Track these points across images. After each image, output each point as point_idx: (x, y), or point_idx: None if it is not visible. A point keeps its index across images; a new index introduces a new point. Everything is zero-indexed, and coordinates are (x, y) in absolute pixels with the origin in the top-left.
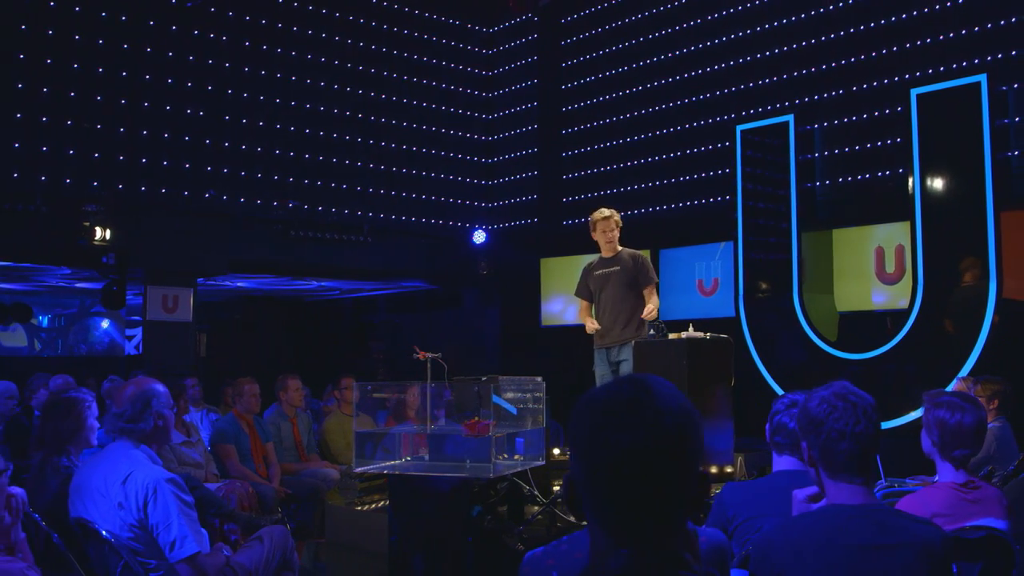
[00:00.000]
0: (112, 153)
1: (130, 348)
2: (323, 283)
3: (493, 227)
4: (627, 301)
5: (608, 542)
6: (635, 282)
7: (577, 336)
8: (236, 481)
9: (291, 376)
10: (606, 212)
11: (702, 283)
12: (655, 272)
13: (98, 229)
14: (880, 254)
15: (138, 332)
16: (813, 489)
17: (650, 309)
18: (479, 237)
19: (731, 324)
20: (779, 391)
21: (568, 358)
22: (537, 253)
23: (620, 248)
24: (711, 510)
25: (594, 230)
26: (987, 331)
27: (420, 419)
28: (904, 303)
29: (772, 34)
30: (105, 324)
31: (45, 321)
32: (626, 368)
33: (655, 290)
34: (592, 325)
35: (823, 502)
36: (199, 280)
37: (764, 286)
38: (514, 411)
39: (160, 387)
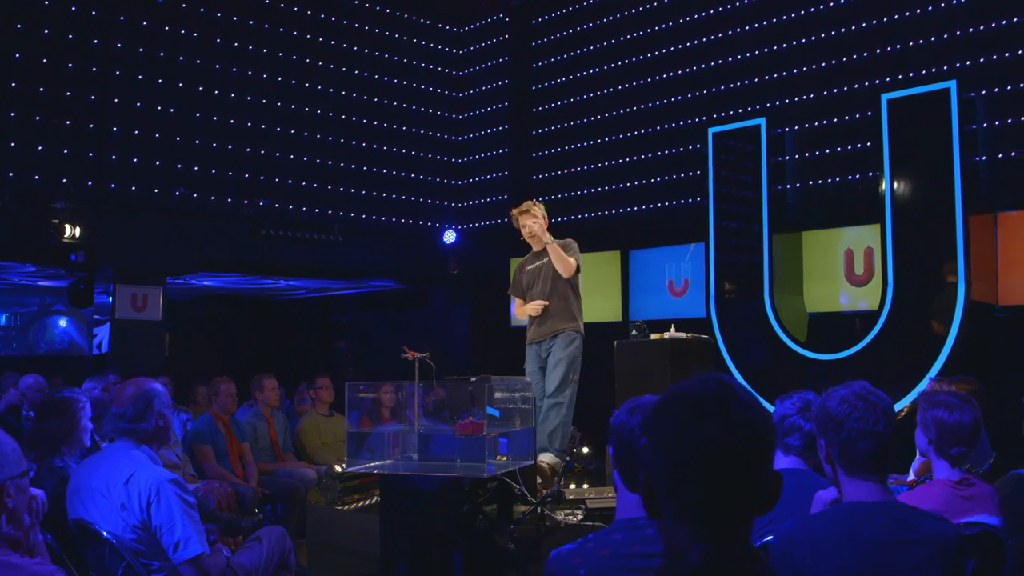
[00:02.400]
0: (82, 150)
1: (93, 347)
2: (290, 282)
3: (463, 227)
4: (555, 292)
5: (687, 537)
6: (559, 274)
7: None
8: (215, 482)
9: (267, 376)
10: (516, 209)
11: (672, 284)
12: (578, 255)
13: (67, 226)
14: (849, 256)
15: (101, 331)
16: (835, 492)
17: (553, 242)
18: (449, 237)
19: (701, 325)
20: (750, 391)
21: None
22: (507, 253)
23: (549, 238)
24: None
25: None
26: (955, 333)
27: (396, 418)
28: (864, 305)
29: (744, 38)
30: (63, 323)
31: (3, 319)
32: (552, 360)
33: (573, 259)
34: (535, 305)
35: (826, 495)
36: (168, 279)
37: (735, 287)
38: (497, 414)
39: (160, 387)
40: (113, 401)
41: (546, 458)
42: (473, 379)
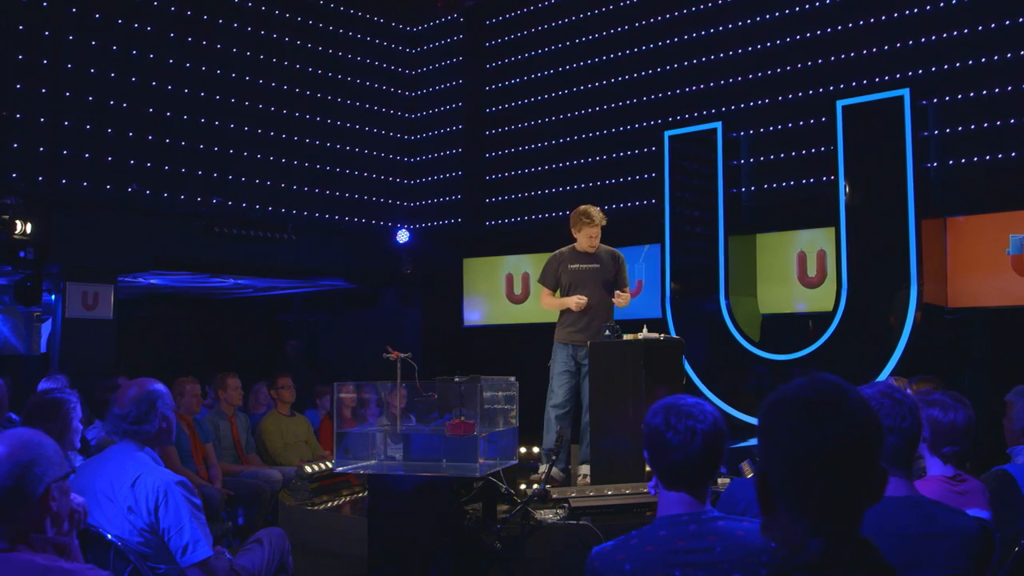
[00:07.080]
0: (32, 144)
1: (30, 347)
2: (238, 281)
3: (417, 226)
4: (605, 301)
5: (805, 531)
6: (611, 282)
7: (500, 337)
8: None
9: (230, 375)
10: (594, 216)
11: None
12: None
13: (18, 222)
14: (802, 259)
15: (43, 329)
16: None
17: (626, 299)
18: (403, 236)
19: (656, 325)
20: (706, 391)
21: (490, 359)
22: (460, 253)
23: (599, 244)
24: (719, 503)
25: (579, 230)
26: (908, 334)
27: (357, 419)
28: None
29: (701, 42)
30: None
31: None
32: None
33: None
34: (579, 300)
35: None
36: (118, 277)
37: (691, 288)
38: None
39: (162, 388)
40: (115, 402)
41: (585, 469)
42: (458, 379)
